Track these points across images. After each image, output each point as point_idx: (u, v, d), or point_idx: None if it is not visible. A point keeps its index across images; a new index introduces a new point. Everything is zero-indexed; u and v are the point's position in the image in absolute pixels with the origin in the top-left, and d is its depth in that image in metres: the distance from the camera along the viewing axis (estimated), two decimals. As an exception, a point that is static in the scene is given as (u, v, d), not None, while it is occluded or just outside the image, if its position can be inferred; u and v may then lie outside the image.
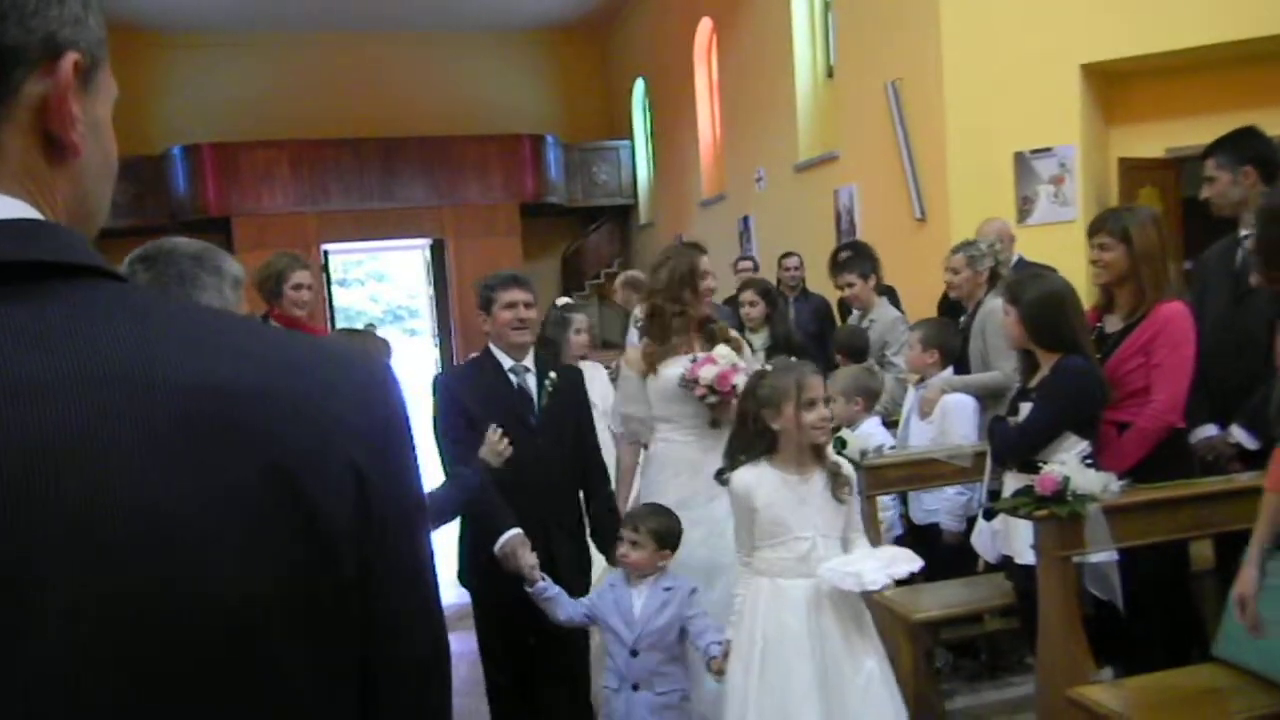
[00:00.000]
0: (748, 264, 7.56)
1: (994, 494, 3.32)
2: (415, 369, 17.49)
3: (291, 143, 14.73)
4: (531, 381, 3.34)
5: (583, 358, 4.49)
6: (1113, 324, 3.45)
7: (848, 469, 2.89)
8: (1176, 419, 3.29)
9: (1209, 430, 3.51)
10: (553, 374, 3.36)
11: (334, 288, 17.23)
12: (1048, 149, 7.04)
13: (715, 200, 12.45)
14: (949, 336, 4.44)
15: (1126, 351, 3.33)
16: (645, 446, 3.71)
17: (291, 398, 0.69)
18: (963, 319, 4.71)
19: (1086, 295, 3.77)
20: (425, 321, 19.48)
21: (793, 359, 3.15)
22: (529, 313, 3.29)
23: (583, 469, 3.45)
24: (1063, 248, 6.13)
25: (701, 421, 3.50)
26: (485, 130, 15.72)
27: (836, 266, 5.67)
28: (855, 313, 5.61)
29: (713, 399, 3.42)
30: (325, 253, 15.58)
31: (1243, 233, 3.61)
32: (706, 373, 3.41)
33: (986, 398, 4.22)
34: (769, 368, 2.92)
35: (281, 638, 0.67)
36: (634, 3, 15.03)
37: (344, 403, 0.71)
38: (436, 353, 17.32)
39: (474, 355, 3.58)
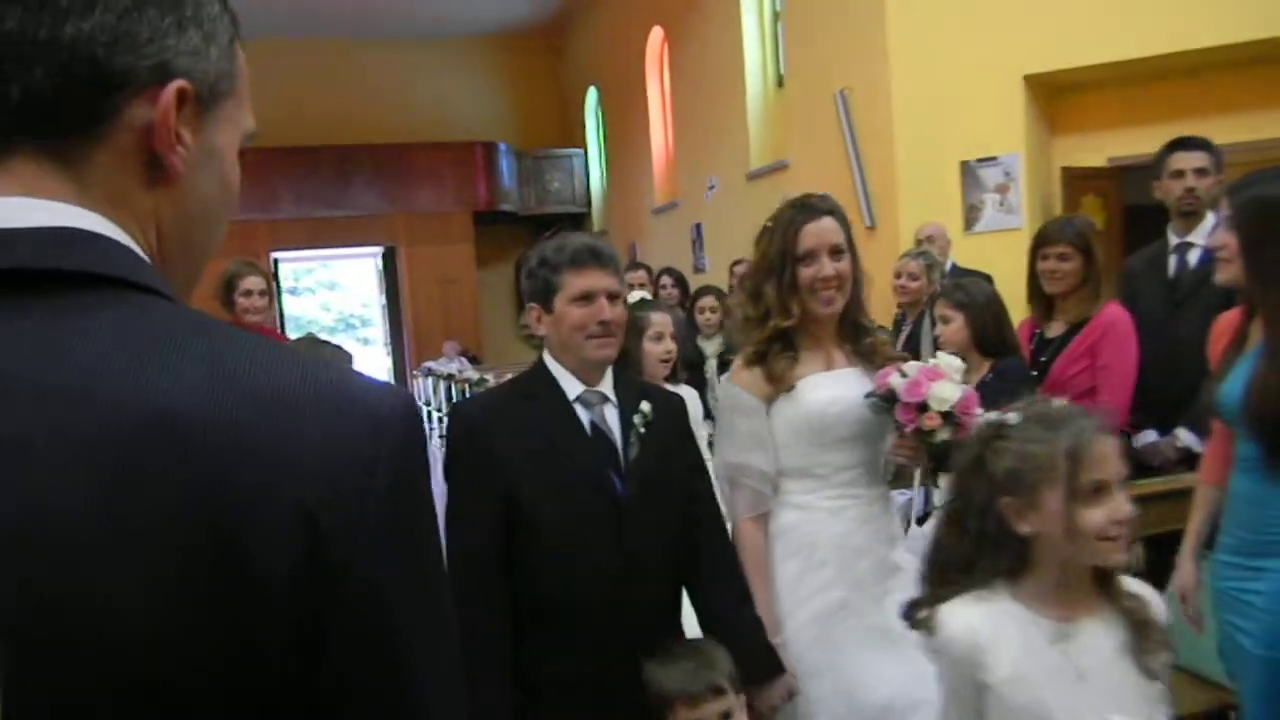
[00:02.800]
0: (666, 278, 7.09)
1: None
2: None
3: (241, 150, 14.51)
4: (613, 418, 2.12)
5: (668, 378, 3.20)
6: (1053, 329, 3.52)
7: (1158, 607, 1.69)
8: (1124, 421, 3.36)
9: (1150, 436, 3.58)
10: (645, 405, 2.13)
11: (285, 296, 17.03)
12: (993, 158, 7.16)
13: (668, 208, 12.50)
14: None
15: (1072, 354, 3.40)
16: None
17: (236, 427, 0.64)
18: (906, 326, 4.79)
19: (1019, 301, 3.82)
20: (377, 330, 19.32)
21: (1055, 401, 1.71)
22: (616, 311, 2.09)
23: (695, 554, 2.19)
24: (1008, 255, 6.22)
25: (866, 474, 2.32)
26: (438, 137, 15.66)
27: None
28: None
29: (943, 435, 2.19)
30: (275, 261, 15.40)
31: (1175, 240, 3.69)
32: (945, 391, 2.16)
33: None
34: (1011, 417, 1.64)
35: (194, 694, 0.61)
36: (586, 12, 15.05)
37: (304, 438, 0.65)
38: (389, 361, 17.20)
39: (512, 375, 2.43)
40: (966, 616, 1.62)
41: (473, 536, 1.99)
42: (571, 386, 2.11)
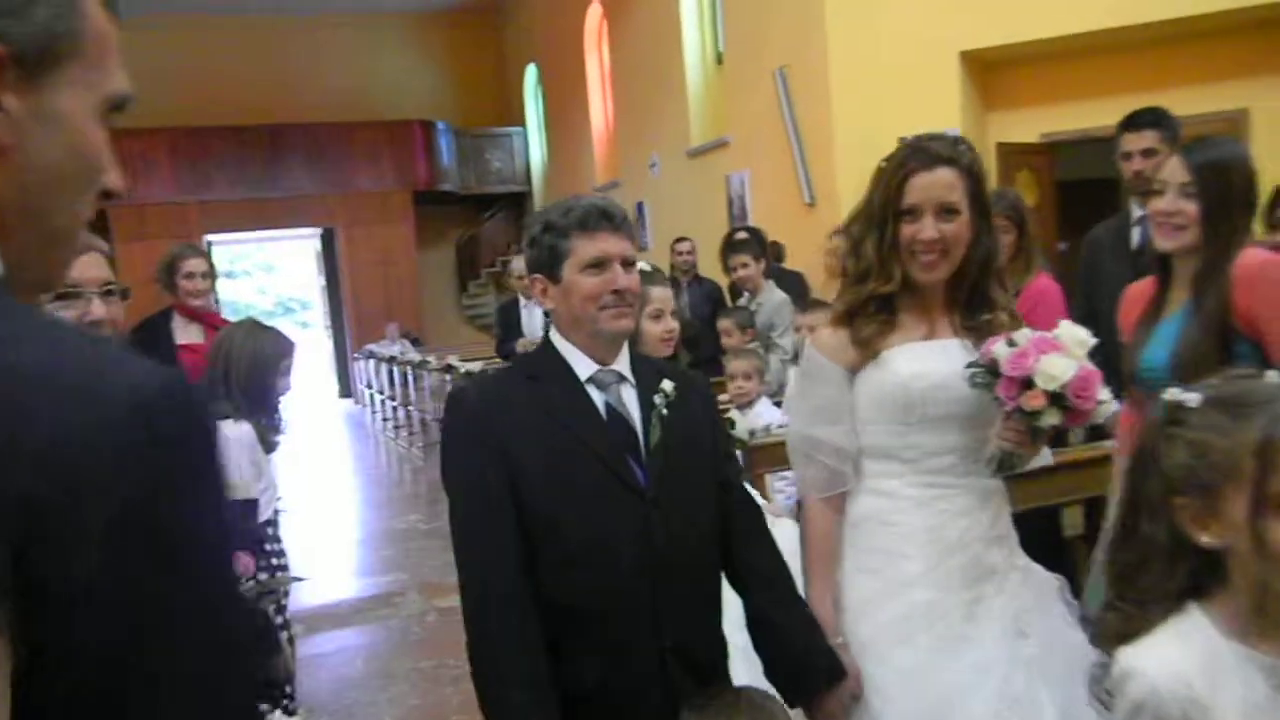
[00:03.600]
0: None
1: None
2: (307, 363, 17.13)
3: (170, 130, 14.16)
4: (631, 400, 1.91)
5: (673, 357, 2.94)
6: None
7: None
8: None
9: (1115, 405, 3.66)
10: (667, 384, 1.92)
11: (220, 280, 16.69)
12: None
13: (610, 187, 12.47)
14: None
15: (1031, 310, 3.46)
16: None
17: None
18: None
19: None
20: (318, 313, 19.05)
21: (1239, 373, 1.45)
22: (631, 278, 1.87)
23: (729, 550, 1.97)
24: (945, 230, 6.33)
25: (963, 462, 1.98)
26: (375, 116, 15.43)
27: (732, 246, 5.78)
28: (745, 295, 5.71)
29: (1049, 419, 1.84)
30: (209, 244, 15.08)
31: (1138, 213, 3.74)
32: (1054, 367, 1.80)
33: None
34: (1191, 397, 1.31)
35: None
36: (524, -12, 14.91)
37: (33, 422, 0.58)
38: (330, 344, 16.97)
39: (522, 352, 2.16)
40: (1171, 661, 1.25)
41: (493, 532, 1.76)
42: (583, 366, 1.88)
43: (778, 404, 4.31)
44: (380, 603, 5.52)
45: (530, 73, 15.69)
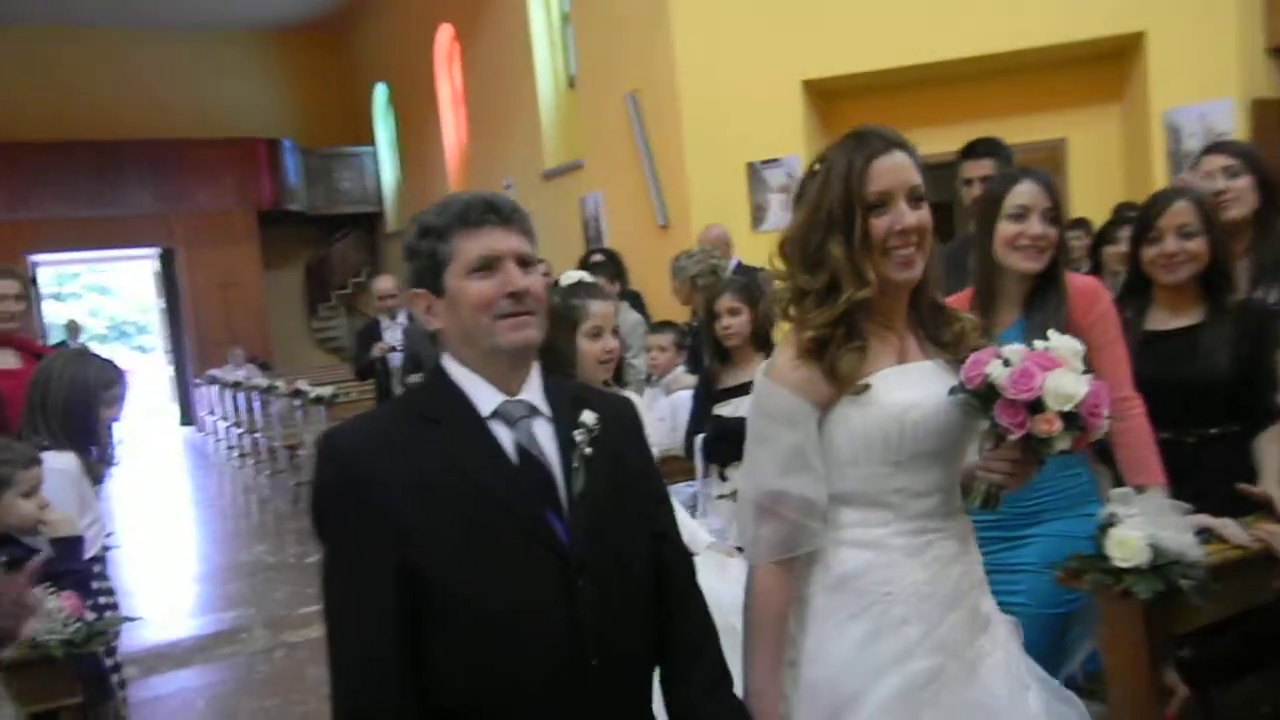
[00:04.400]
0: None
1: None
2: (146, 391, 16.34)
3: (-10, 144, 13.35)
4: (546, 437, 1.59)
5: (608, 383, 2.64)
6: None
7: None
8: None
9: None
10: (588, 416, 1.60)
11: (45, 302, 15.75)
12: (775, 159, 7.47)
13: (464, 207, 12.36)
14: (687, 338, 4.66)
15: None
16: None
17: None
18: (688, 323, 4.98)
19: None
20: (156, 337, 18.17)
21: None
22: (531, 279, 1.56)
23: (666, 618, 1.66)
24: (792, 252, 6.54)
25: (947, 500, 1.77)
26: (218, 133, 14.89)
27: (588, 268, 5.81)
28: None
29: (1061, 444, 1.62)
30: (33, 264, 14.22)
31: None
32: (1066, 385, 1.60)
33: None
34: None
35: None
36: (371, 6, 14.67)
37: None
38: (170, 369, 16.22)
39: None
40: None
41: (365, 629, 1.45)
42: (485, 398, 1.55)
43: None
44: (223, 640, 5.28)
45: (380, 91, 15.43)
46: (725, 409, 3.61)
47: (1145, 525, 2.04)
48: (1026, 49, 6.78)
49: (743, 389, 3.60)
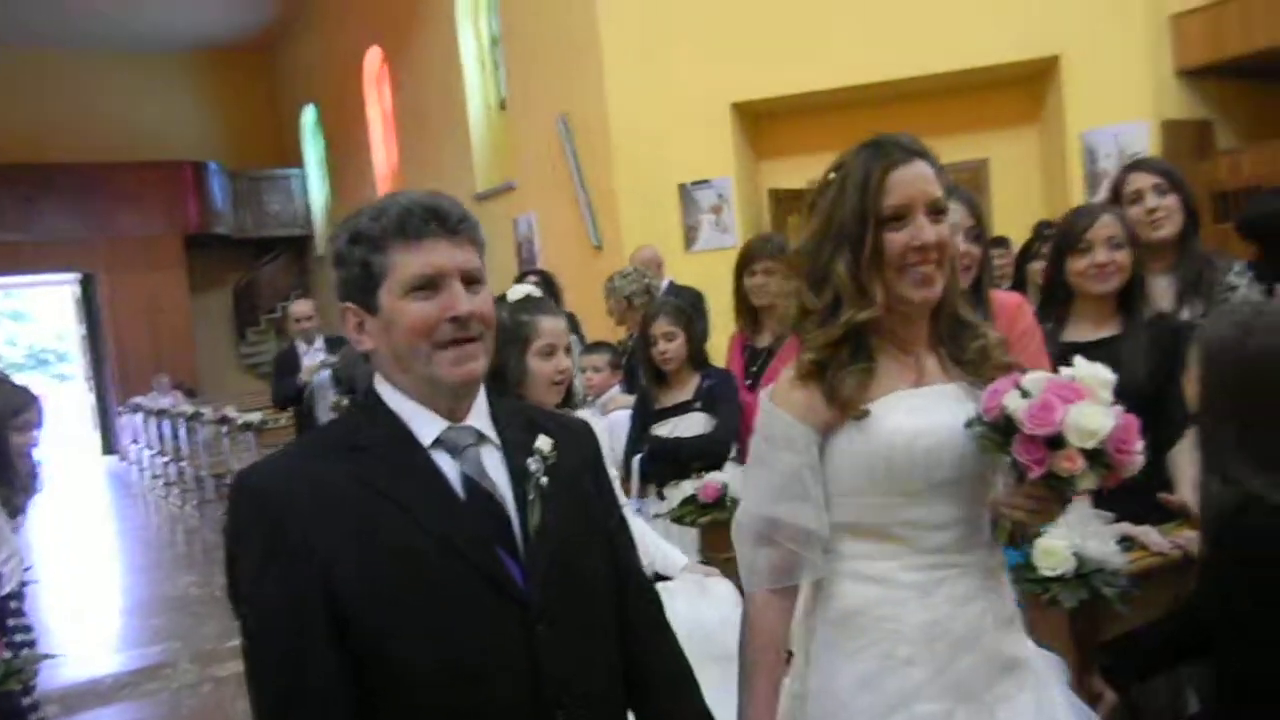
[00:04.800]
0: None
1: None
2: (65, 419, 15.89)
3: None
4: (497, 466, 1.43)
5: (563, 404, 2.48)
6: (762, 339, 3.76)
7: None
8: None
9: None
10: (543, 442, 1.44)
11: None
12: (706, 181, 7.55)
13: (395, 230, 12.26)
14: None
15: (781, 362, 3.64)
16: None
17: None
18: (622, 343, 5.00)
19: (726, 317, 4.08)
20: (77, 365, 17.67)
21: None
22: (478, 301, 1.40)
23: (635, 659, 1.52)
24: (725, 272, 6.58)
25: (968, 534, 1.62)
26: (142, 157, 14.58)
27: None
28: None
29: (1086, 483, 1.46)
30: (-53, 292, 13.78)
31: None
32: (1090, 419, 1.44)
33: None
34: None
35: None
36: (299, 28, 14.54)
37: None
38: (92, 398, 15.77)
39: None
40: None
41: (291, 692, 1.25)
42: (425, 424, 1.37)
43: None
44: (148, 675, 5.12)
45: (309, 113, 15.27)
46: (663, 429, 3.64)
47: (1070, 534, 2.09)
48: (949, 72, 6.96)
49: (679, 409, 3.63)
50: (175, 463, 10.86)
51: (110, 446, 15.28)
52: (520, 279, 6.50)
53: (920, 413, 1.58)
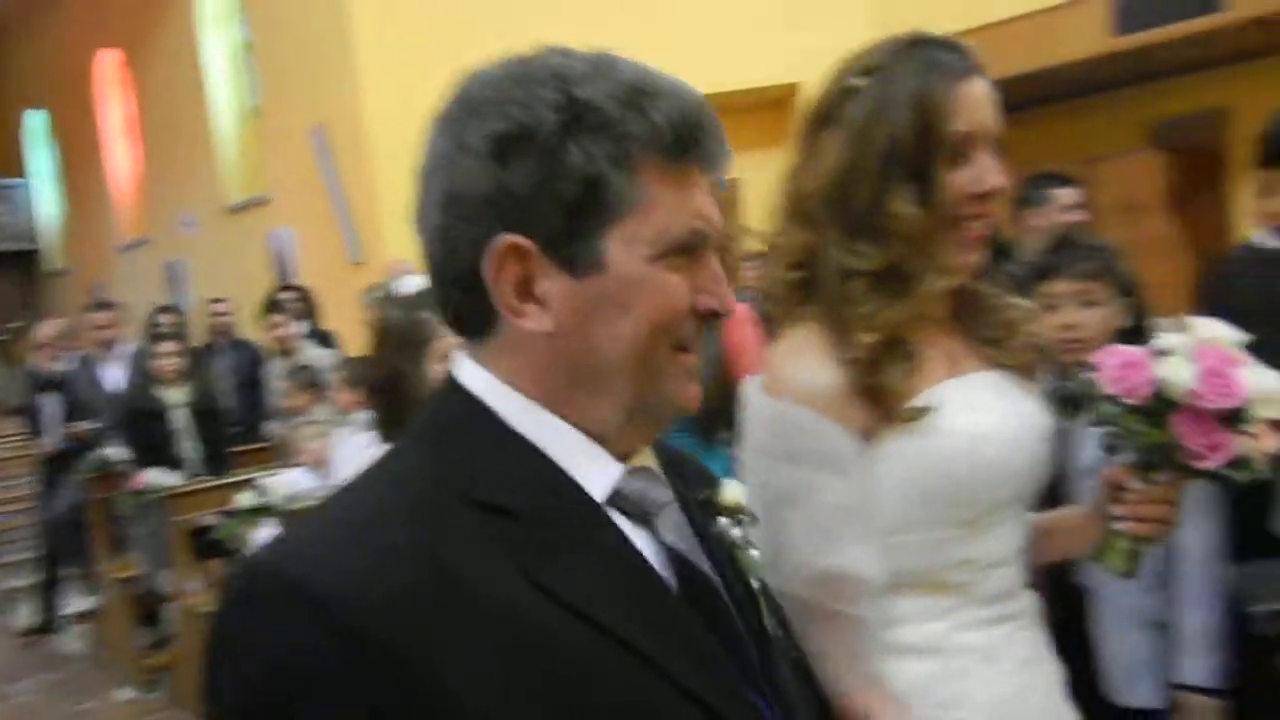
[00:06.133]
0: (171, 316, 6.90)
1: None
2: None
3: None
4: (683, 534, 0.85)
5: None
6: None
7: None
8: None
9: None
10: (732, 488, 0.95)
11: None
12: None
13: (138, 244, 11.48)
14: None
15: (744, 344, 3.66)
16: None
17: None
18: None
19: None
20: None
21: None
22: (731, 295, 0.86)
23: None
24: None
25: (1020, 569, 1.28)
26: None
27: (276, 306, 5.65)
28: (283, 356, 5.57)
29: (1260, 467, 1.15)
30: None
31: None
32: (1269, 382, 1.14)
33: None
34: None
35: None
36: (19, 29, 13.39)
37: None
38: None
39: (425, 427, 0.85)
40: None
41: None
42: (594, 469, 0.83)
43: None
44: None
45: (36, 120, 14.09)
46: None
47: None
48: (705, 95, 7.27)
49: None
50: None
51: None
52: (274, 292, 6.25)
53: (979, 409, 1.19)
